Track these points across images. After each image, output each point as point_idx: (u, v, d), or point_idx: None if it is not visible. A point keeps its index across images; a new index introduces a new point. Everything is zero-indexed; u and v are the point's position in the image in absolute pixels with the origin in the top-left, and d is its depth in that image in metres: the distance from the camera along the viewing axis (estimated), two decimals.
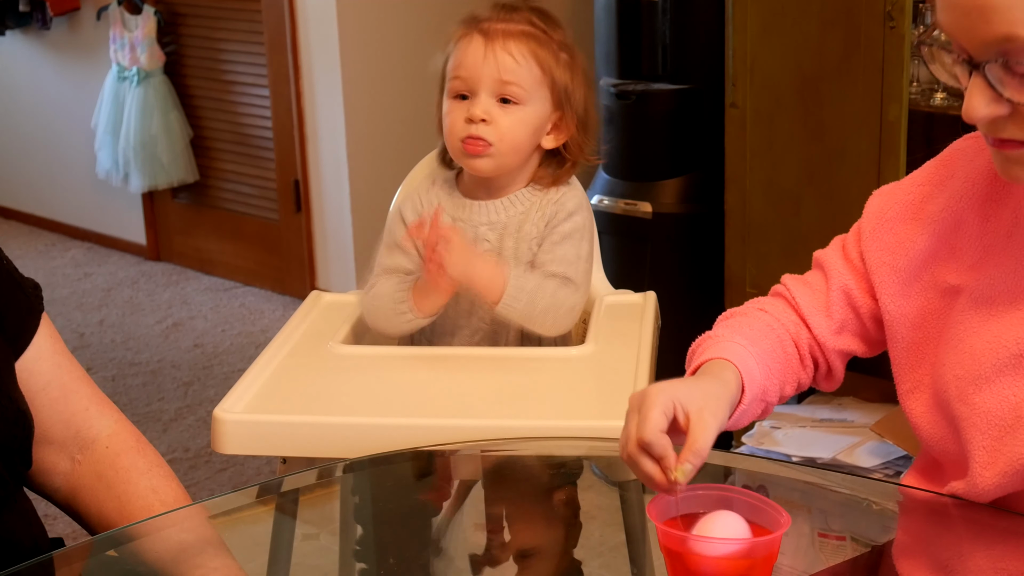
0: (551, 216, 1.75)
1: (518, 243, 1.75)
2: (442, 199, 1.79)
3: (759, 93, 2.58)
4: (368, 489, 1.62)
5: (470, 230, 1.76)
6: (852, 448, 2.52)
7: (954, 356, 1.24)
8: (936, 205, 1.30)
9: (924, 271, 1.30)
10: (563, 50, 1.74)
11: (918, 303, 1.30)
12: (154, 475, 1.39)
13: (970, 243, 1.27)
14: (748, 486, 1.49)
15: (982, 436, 1.21)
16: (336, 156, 3.98)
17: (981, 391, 1.21)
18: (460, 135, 1.71)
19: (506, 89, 1.70)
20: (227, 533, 1.39)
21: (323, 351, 1.72)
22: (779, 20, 2.52)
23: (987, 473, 1.21)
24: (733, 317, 1.38)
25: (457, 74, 1.71)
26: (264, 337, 3.96)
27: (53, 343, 1.38)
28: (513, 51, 1.70)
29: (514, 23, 1.72)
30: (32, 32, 4.94)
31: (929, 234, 1.29)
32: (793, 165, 2.56)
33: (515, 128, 1.71)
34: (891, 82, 2.38)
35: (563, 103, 1.74)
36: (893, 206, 1.34)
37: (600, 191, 2.97)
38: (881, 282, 1.32)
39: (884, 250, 1.32)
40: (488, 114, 1.70)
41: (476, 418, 1.52)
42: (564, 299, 1.70)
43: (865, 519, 1.49)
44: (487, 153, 1.71)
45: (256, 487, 1.51)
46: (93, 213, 4.99)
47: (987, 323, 1.22)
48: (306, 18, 3.97)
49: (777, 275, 1.46)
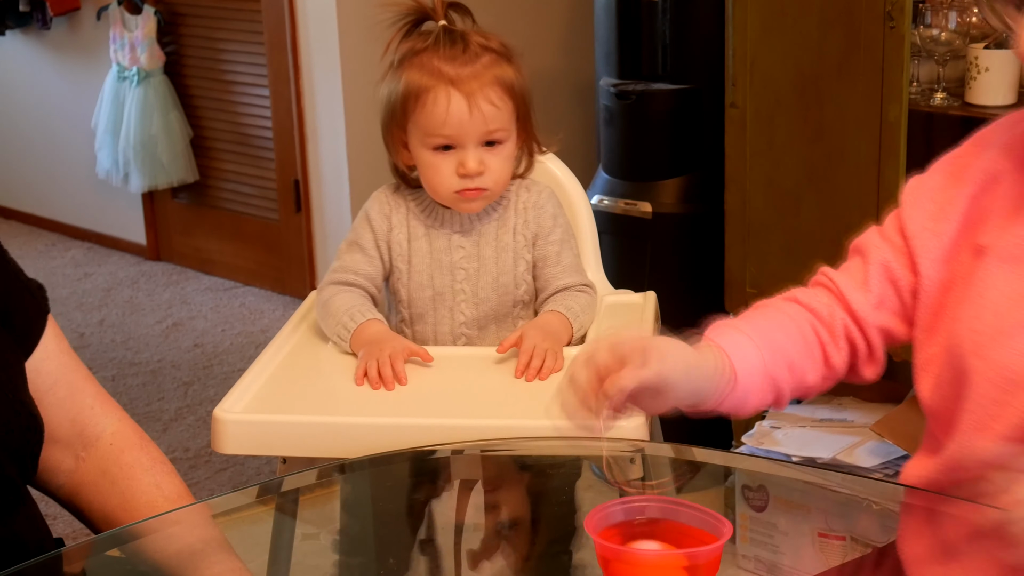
0: (537, 229, 1.79)
1: (499, 252, 1.78)
2: (410, 204, 1.80)
3: (759, 93, 2.58)
4: (368, 489, 1.62)
5: (443, 238, 1.78)
6: (852, 448, 2.52)
7: (973, 311, 1.25)
8: (976, 170, 1.31)
9: (960, 234, 1.31)
10: (510, 57, 1.75)
11: (951, 267, 1.31)
12: (157, 471, 1.39)
13: (1002, 204, 1.28)
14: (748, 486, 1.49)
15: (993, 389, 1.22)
16: (336, 156, 3.98)
17: (999, 346, 1.22)
18: (453, 188, 1.73)
19: (492, 135, 1.72)
20: (227, 533, 1.39)
21: (323, 351, 1.72)
22: (779, 20, 2.52)
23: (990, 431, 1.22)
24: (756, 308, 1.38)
25: (440, 131, 1.70)
26: (264, 337, 3.96)
27: (59, 342, 1.38)
28: (492, 98, 1.70)
29: (476, 60, 1.71)
30: (32, 32, 4.94)
31: (966, 196, 1.30)
32: (793, 165, 2.56)
33: (504, 166, 1.74)
34: (891, 82, 2.38)
35: (524, 112, 1.76)
36: (934, 177, 1.35)
37: (600, 191, 2.97)
38: (922, 247, 1.32)
39: (926, 216, 1.33)
40: (482, 164, 1.71)
41: (476, 418, 1.52)
42: (590, 301, 1.79)
43: (865, 519, 1.49)
44: (481, 196, 1.74)
45: (256, 487, 1.51)
46: (93, 213, 4.99)
47: (1011, 280, 1.24)
48: (306, 18, 3.97)
49: (777, 275, 1.47)
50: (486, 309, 1.77)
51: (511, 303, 1.79)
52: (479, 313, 1.77)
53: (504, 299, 1.78)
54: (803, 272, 1.43)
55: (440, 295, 1.77)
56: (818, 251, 2.58)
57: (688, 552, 1.05)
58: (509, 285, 1.78)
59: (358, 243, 1.79)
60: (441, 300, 1.77)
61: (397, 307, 1.82)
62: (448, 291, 1.77)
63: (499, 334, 1.77)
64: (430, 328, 1.78)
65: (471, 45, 1.71)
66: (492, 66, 1.71)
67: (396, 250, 1.78)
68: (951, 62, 2.44)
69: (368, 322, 1.70)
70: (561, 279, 1.77)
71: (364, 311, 1.72)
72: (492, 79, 1.71)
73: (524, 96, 1.75)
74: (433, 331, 1.78)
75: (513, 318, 1.80)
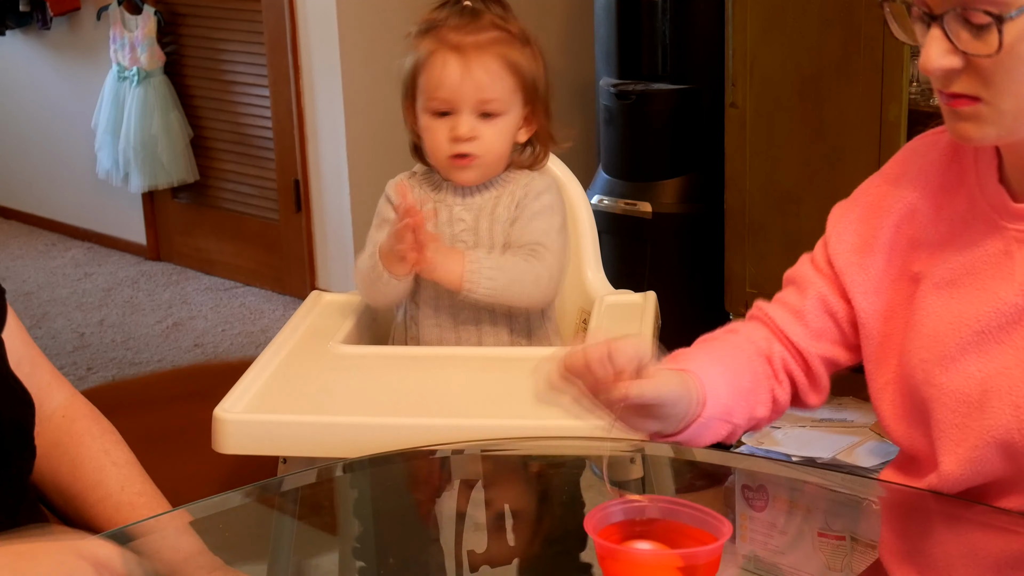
0: (520, 199, 1.80)
1: (492, 224, 1.80)
2: (423, 186, 1.84)
3: (759, 93, 2.58)
4: (367, 489, 1.62)
5: (445, 210, 1.81)
6: (852, 448, 2.52)
7: (918, 340, 1.27)
8: (893, 199, 1.33)
9: (889, 264, 1.33)
10: (526, 43, 1.78)
11: (886, 296, 1.33)
12: (107, 440, 1.42)
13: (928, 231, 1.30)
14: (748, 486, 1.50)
15: (951, 415, 1.23)
16: (336, 156, 3.98)
17: (947, 371, 1.24)
18: (447, 153, 1.77)
19: (486, 106, 1.75)
20: (227, 533, 1.39)
21: (323, 351, 1.72)
22: (779, 20, 2.52)
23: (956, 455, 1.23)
24: (706, 341, 1.40)
25: (436, 94, 1.75)
26: (264, 337, 3.96)
27: (15, 319, 1.40)
28: (489, 66, 1.73)
29: (482, 32, 1.75)
30: (32, 32, 4.94)
31: (889, 227, 1.33)
32: (793, 165, 2.56)
33: (498, 138, 1.77)
34: (891, 82, 2.38)
35: (533, 98, 1.79)
36: (853, 209, 1.37)
37: (600, 191, 2.98)
38: (851, 281, 1.34)
39: (849, 250, 1.35)
40: (474, 131, 1.75)
41: (476, 418, 1.52)
42: (530, 269, 1.75)
43: (865, 519, 1.49)
44: (472, 165, 1.77)
45: (256, 487, 1.51)
46: (93, 213, 4.99)
47: (948, 305, 1.25)
48: (306, 18, 3.97)
49: (777, 275, 1.47)
50: None
51: None
52: None
53: None
54: None
55: None
56: None
57: (684, 552, 1.05)
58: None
59: (385, 219, 1.83)
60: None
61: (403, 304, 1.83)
62: None
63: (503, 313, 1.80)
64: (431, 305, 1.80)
65: (482, 20, 1.75)
66: (498, 42, 1.75)
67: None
68: None
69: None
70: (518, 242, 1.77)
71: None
72: (494, 52, 1.74)
73: (534, 81, 1.77)
74: (435, 305, 1.80)
75: None
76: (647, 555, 1.06)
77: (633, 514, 1.10)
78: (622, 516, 1.10)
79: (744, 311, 2.68)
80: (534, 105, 1.79)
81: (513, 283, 1.74)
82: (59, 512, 1.40)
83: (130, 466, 1.41)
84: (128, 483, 1.39)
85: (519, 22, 1.80)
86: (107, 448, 1.41)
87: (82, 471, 1.39)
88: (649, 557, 1.06)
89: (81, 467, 1.39)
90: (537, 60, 1.79)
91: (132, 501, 1.38)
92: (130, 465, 1.41)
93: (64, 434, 1.41)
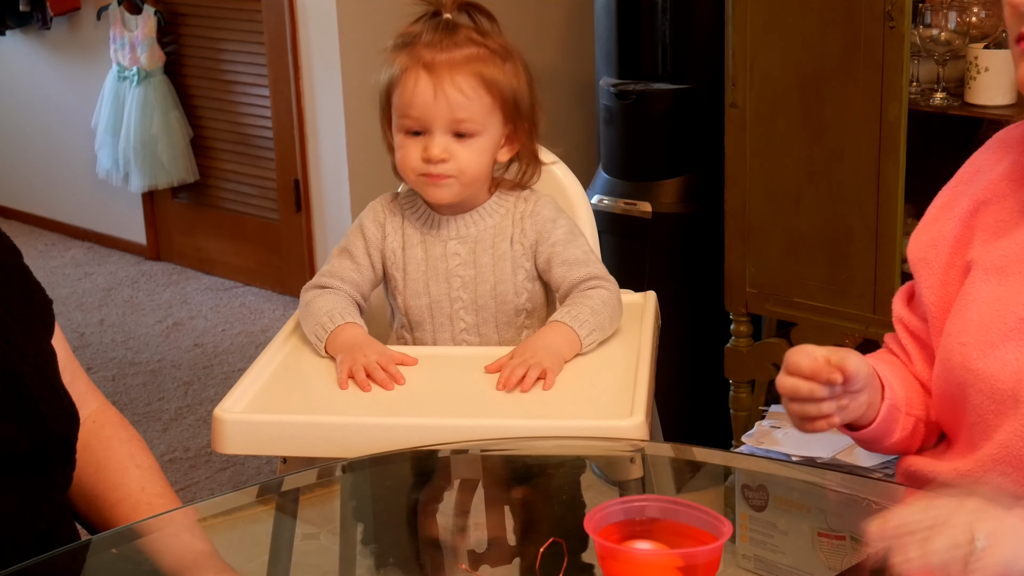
0: (536, 236, 1.75)
1: (497, 260, 1.75)
2: (407, 215, 1.78)
3: (759, 93, 2.58)
4: (368, 489, 1.62)
5: (439, 245, 1.76)
6: (852, 448, 2.51)
7: (961, 324, 1.28)
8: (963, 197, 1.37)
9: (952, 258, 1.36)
10: (507, 59, 1.71)
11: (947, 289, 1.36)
12: (133, 445, 1.45)
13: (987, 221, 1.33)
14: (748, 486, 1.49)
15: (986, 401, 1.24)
16: (336, 156, 3.98)
17: (985, 357, 1.25)
18: (418, 171, 1.71)
19: (460, 126, 1.68)
20: (227, 533, 1.39)
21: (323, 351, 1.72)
22: (779, 20, 2.52)
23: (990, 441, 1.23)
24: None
25: (408, 113, 1.69)
26: (264, 337, 3.96)
27: (58, 329, 1.43)
28: (462, 86, 1.67)
29: (456, 48, 1.68)
30: (32, 32, 4.94)
31: (955, 222, 1.36)
32: (793, 165, 2.56)
33: (473, 159, 1.70)
34: (891, 82, 2.38)
35: (514, 116, 1.73)
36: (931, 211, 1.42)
37: (600, 191, 2.97)
38: (920, 277, 1.38)
39: (921, 247, 1.39)
40: (447, 152, 1.69)
41: (476, 418, 1.52)
42: (609, 296, 1.72)
43: (865, 519, 1.49)
44: (446, 184, 1.71)
45: (256, 487, 1.51)
46: (93, 213, 4.99)
47: (996, 291, 1.27)
48: (306, 18, 3.97)
49: (777, 275, 1.48)
50: (486, 316, 1.76)
51: (512, 311, 1.77)
52: (479, 320, 1.76)
53: (504, 307, 1.76)
54: (803, 272, 1.45)
55: (437, 303, 1.75)
56: (818, 251, 2.59)
57: (684, 552, 1.05)
58: (508, 294, 1.76)
59: (348, 250, 1.78)
60: (439, 308, 1.76)
61: (397, 314, 1.81)
62: (445, 299, 1.75)
63: (501, 341, 1.76)
64: (429, 335, 1.77)
65: (458, 35, 1.69)
66: (474, 59, 1.68)
67: (390, 259, 1.77)
68: (951, 62, 2.44)
69: (346, 325, 1.68)
70: (571, 275, 1.73)
71: (344, 314, 1.70)
72: (469, 70, 1.68)
73: (515, 98, 1.71)
74: (432, 338, 1.77)
75: (517, 326, 1.78)
76: (647, 555, 1.06)
77: (633, 514, 1.10)
78: (622, 516, 1.10)
79: (744, 311, 2.69)
80: (516, 123, 1.73)
81: (608, 314, 1.70)
82: (81, 514, 1.42)
83: (152, 471, 1.43)
84: (149, 485, 1.41)
85: (501, 36, 1.73)
86: (132, 452, 1.44)
87: (105, 472, 1.41)
88: (649, 557, 1.06)
89: (105, 468, 1.41)
90: (519, 76, 1.72)
91: (151, 502, 1.39)
92: (152, 470, 1.43)
93: (93, 437, 1.43)
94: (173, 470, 3.15)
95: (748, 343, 2.73)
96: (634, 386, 1.55)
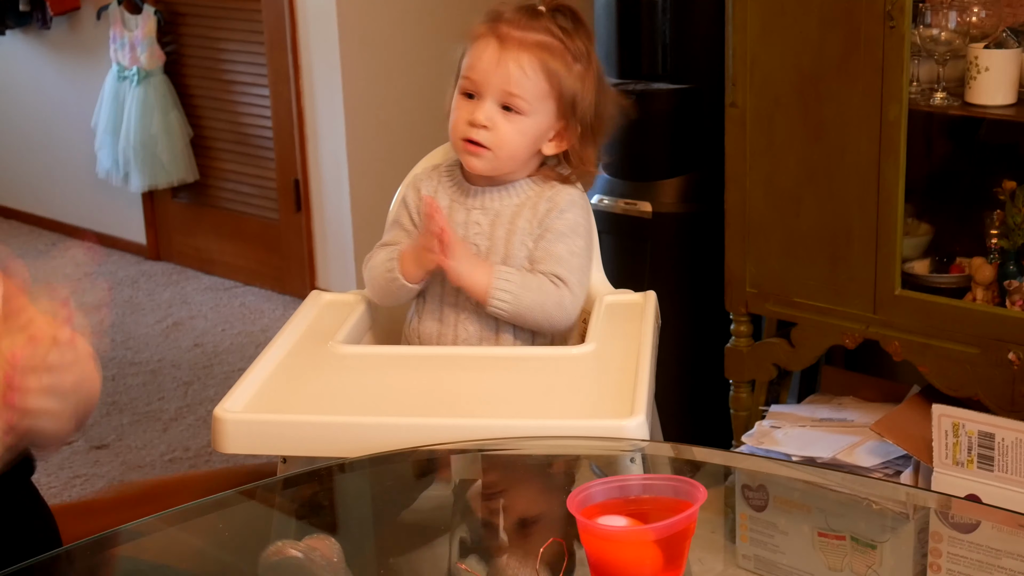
0: (544, 214, 1.79)
1: (510, 234, 1.79)
2: (443, 181, 1.85)
3: (759, 93, 2.58)
4: (367, 489, 1.62)
5: (463, 212, 1.81)
6: (852, 448, 2.52)
7: None
8: None
9: None
10: (578, 60, 1.77)
11: None
12: None
13: None
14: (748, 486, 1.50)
15: None
16: (336, 156, 3.98)
17: None
18: (461, 134, 1.77)
19: (510, 99, 1.75)
20: (227, 533, 1.39)
21: (323, 351, 1.72)
22: (779, 20, 2.52)
23: None
24: None
25: (468, 74, 1.76)
26: (264, 337, 3.96)
27: None
28: (523, 63, 1.73)
29: (532, 31, 1.75)
30: (32, 32, 4.94)
31: None
32: (793, 165, 2.56)
33: (514, 137, 1.76)
34: (891, 82, 2.38)
35: (568, 114, 1.78)
36: None
37: (600, 191, 2.97)
38: None
39: None
40: (490, 120, 1.75)
41: (476, 418, 1.52)
42: (550, 295, 1.75)
43: (865, 519, 1.49)
44: (483, 155, 1.77)
45: (255, 486, 1.51)
46: (93, 213, 4.99)
47: None
48: (306, 18, 3.97)
49: (777, 275, 1.47)
50: None
51: None
52: None
53: None
54: (803, 272, 1.44)
55: None
56: (818, 251, 2.59)
57: (656, 526, 1.09)
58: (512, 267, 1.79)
59: (397, 221, 1.87)
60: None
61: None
62: None
63: None
64: (436, 305, 1.80)
65: (538, 23, 1.76)
66: (545, 47, 1.75)
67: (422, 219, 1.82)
68: (951, 62, 2.44)
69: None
70: (541, 265, 1.77)
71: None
72: (536, 54, 1.74)
73: (573, 99, 1.77)
74: (439, 307, 1.80)
75: None
76: (621, 531, 1.11)
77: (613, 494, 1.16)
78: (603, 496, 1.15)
79: (744, 311, 2.69)
80: (568, 121, 1.78)
81: (537, 305, 1.75)
82: None
83: None
84: None
85: (586, 43, 1.78)
86: None
87: None
88: (623, 533, 1.11)
89: None
90: (586, 81, 1.78)
91: None
92: None
93: None
94: (173, 470, 3.15)
95: (748, 343, 2.73)
96: (634, 386, 1.55)
